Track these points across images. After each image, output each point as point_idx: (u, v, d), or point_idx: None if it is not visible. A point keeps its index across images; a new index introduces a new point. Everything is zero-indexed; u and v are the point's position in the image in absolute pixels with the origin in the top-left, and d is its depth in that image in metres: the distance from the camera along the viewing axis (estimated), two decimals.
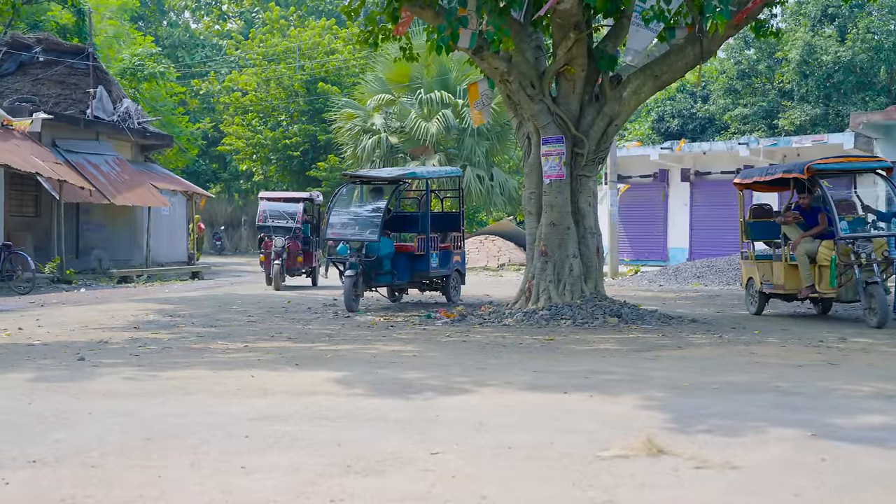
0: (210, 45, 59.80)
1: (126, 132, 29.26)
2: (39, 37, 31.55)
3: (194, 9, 64.32)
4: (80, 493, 4.44)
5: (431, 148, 33.33)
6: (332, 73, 43.89)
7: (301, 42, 44.39)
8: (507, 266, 32.76)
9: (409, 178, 18.35)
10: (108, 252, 28.09)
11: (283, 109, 44.44)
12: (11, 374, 8.32)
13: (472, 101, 16.72)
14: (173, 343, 10.99)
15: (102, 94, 29.35)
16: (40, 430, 5.79)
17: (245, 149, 44.97)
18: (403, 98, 34.48)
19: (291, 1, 56.67)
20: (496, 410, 6.51)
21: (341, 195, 17.13)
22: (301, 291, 21.30)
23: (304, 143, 43.25)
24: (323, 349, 10.37)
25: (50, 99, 29.51)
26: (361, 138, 34.65)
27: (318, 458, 5.07)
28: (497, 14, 12.71)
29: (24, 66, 30.35)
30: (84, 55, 30.35)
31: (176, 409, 6.53)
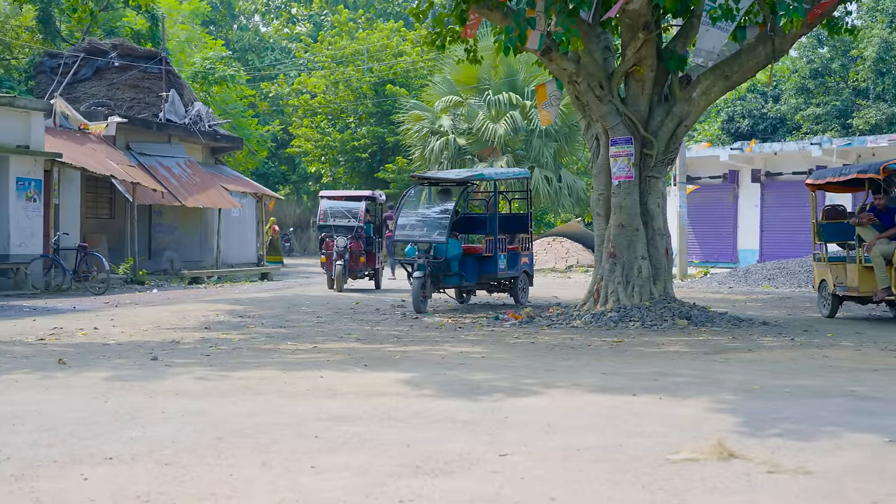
0: (279, 48, 60.34)
1: (197, 135, 29.66)
2: (115, 42, 32.11)
3: (264, 13, 64.99)
4: (155, 489, 4.51)
5: (499, 149, 33.30)
6: (400, 75, 44.03)
7: (369, 44, 44.60)
8: (575, 268, 32.60)
9: (478, 179, 18.37)
10: (180, 253, 28.50)
11: (352, 111, 44.69)
12: (88, 372, 8.48)
13: (541, 103, 16.68)
14: (243, 343, 11.11)
15: (174, 97, 29.79)
16: (116, 428, 5.88)
17: (314, 151, 45.29)
18: (471, 100, 34.49)
19: (360, 3, 57.03)
20: (564, 412, 6.49)
21: (409, 197, 17.18)
22: (366, 294, 21.38)
23: (373, 144, 43.44)
24: (391, 350, 10.41)
25: (124, 103, 30.03)
26: (429, 140, 34.74)
27: (387, 459, 5.09)
28: (566, 15, 12.66)
29: (101, 71, 30.92)
30: (157, 59, 30.82)
31: (247, 408, 6.60)
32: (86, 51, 31.18)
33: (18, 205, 21.21)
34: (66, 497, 4.38)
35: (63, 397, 7.07)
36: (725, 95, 29.08)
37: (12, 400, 6.94)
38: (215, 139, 30.96)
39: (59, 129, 25.15)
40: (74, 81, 30.55)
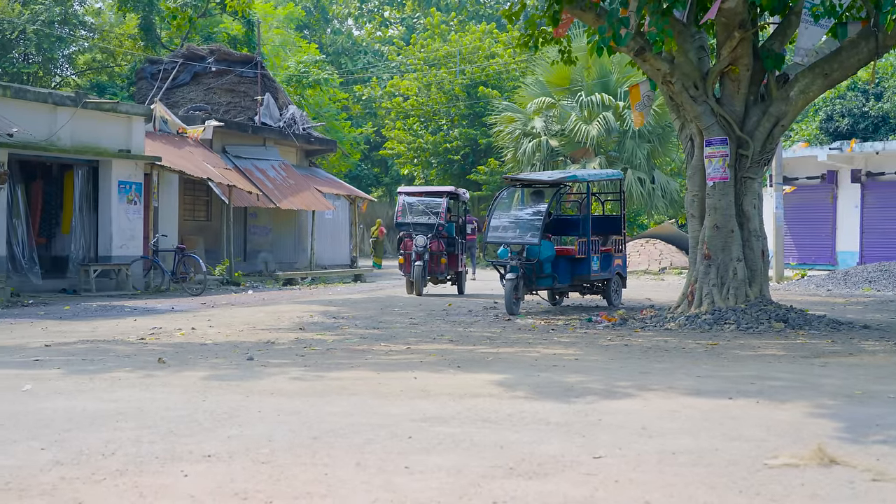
0: (372, 51, 60.84)
1: (291, 138, 30.05)
2: (212, 48, 32.75)
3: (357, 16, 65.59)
4: (252, 487, 4.58)
5: (592, 150, 33.11)
6: (492, 77, 44.05)
7: (461, 46, 44.72)
8: (669, 270, 32.26)
9: (570, 180, 18.29)
10: (274, 255, 28.91)
11: (444, 113, 44.84)
12: (186, 371, 8.65)
13: (634, 103, 16.54)
14: (337, 344, 11.21)
15: (269, 101, 30.24)
16: (214, 426, 5.99)
17: (406, 153, 45.57)
18: (564, 101, 34.36)
19: (452, 6, 57.21)
20: (659, 415, 6.42)
21: (502, 198, 17.17)
22: (451, 299, 21.39)
23: (465, 146, 43.54)
24: (484, 352, 10.42)
25: (221, 107, 30.58)
26: (522, 141, 34.69)
27: (481, 460, 5.09)
28: (660, 14, 12.53)
29: (198, 76, 31.55)
30: (253, 64, 31.33)
31: (341, 408, 6.66)
32: (184, 56, 31.85)
33: (120, 207, 21.74)
34: (168, 492, 4.48)
35: (163, 395, 7.21)
36: (824, 94, 28.52)
37: (115, 397, 7.11)
38: (309, 142, 31.34)
39: (159, 133, 25.71)
40: (173, 86, 31.22)
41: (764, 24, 15.74)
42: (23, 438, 5.59)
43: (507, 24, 16.98)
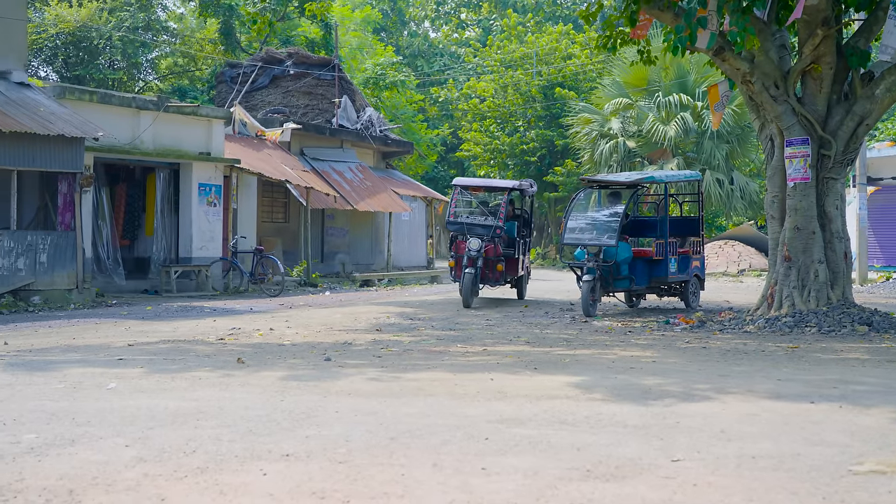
0: (449, 53, 60.97)
1: (368, 140, 30.24)
2: (290, 51, 33.11)
3: (434, 19, 65.79)
4: (329, 486, 4.61)
5: (669, 151, 32.81)
6: (569, 78, 43.88)
7: (538, 48, 44.61)
8: (748, 272, 31.83)
9: (648, 182, 18.15)
10: (351, 256, 29.11)
11: (521, 115, 44.77)
12: (265, 371, 8.75)
13: (713, 104, 16.36)
14: (414, 345, 11.25)
15: (347, 103, 30.47)
16: (292, 426, 6.05)
17: (483, 154, 45.57)
18: (641, 102, 34.10)
19: (529, 7, 57.09)
20: (738, 418, 6.34)
21: (579, 200, 17.10)
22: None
23: (542, 148, 43.42)
24: (561, 353, 10.38)
25: (299, 109, 30.90)
26: (599, 143, 34.50)
27: (557, 462, 5.07)
28: (740, 13, 12.36)
29: (277, 79, 31.92)
30: (330, 67, 31.60)
31: (418, 409, 6.68)
32: (263, 60, 32.25)
33: (200, 209, 22.08)
34: (247, 490, 4.53)
35: (242, 395, 7.30)
36: None
37: (196, 396, 7.22)
38: (386, 144, 31.50)
39: (238, 135, 26.06)
40: (252, 90, 31.62)
41: (848, 22, 15.45)
42: (108, 435, 5.70)
43: (584, 24, 16.84)
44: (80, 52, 38.79)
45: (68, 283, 18.06)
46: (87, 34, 38.00)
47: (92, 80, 37.93)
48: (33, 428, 5.91)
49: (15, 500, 4.36)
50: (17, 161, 17.39)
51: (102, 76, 39.03)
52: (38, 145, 17.43)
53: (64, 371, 8.63)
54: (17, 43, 19.95)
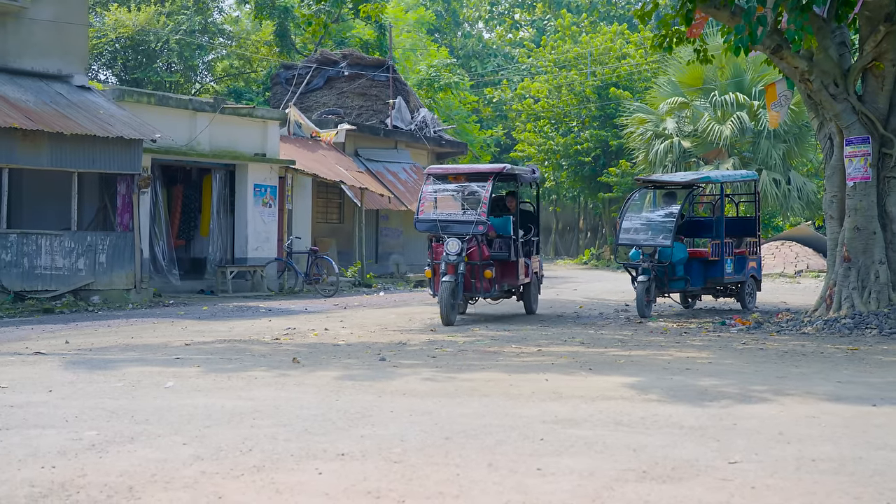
0: (503, 54, 60.92)
1: (422, 140, 30.31)
2: (345, 52, 33.28)
3: (487, 19, 65.79)
4: (385, 486, 4.62)
5: (725, 151, 32.50)
6: (623, 78, 43.65)
7: (592, 48, 44.45)
8: (805, 273, 31.45)
9: (703, 182, 18.02)
10: (405, 257, 29.18)
11: (575, 115, 44.62)
12: (320, 371, 8.80)
13: (770, 103, 16.19)
14: (468, 346, 11.25)
15: (401, 104, 30.56)
16: (347, 426, 6.07)
17: (537, 155, 45.47)
18: (696, 101, 33.82)
19: (583, 7, 56.89)
20: (797, 421, 6.26)
21: (634, 200, 17.00)
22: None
23: (596, 148, 43.25)
24: (615, 354, 10.33)
25: (353, 110, 31.05)
26: (653, 143, 34.26)
27: (613, 463, 5.05)
28: (799, 10, 12.20)
29: (331, 80, 32.11)
30: (384, 68, 31.71)
31: (472, 409, 6.68)
32: (318, 61, 32.44)
33: (255, 210, 22.27)
34: (303, 489, 4.56)
35: (297, 395, 7.35)
36: None
37: (252, 395, 7.27)
38: (440, 144, 31.54)
39: (293, 137, 26.24)
40: (307, 91, 31.82)
41: None
42: (166, 433, 5.77)
43: (639, 24, 16.74)
44: (139, 55, 39.30)
45: (126, 283, 18.30)
46: (146, 38, 38.49)
47: (150, 83, 38.42)
48: (94, 425, 6.00)
49: (78, 495, 4.42)
50: (78, 163, 17.66)
51: (160, 79, 39.51)
52: (98, 147, 17.68)
53: (123, 370, 8.75)
54: (79, 48, 20.26)
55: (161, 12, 39.32)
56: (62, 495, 4.41)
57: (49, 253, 17.29)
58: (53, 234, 17.57)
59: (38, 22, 19.11)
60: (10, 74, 18.80)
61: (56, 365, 9.19)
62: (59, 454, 5.18)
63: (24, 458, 5.08)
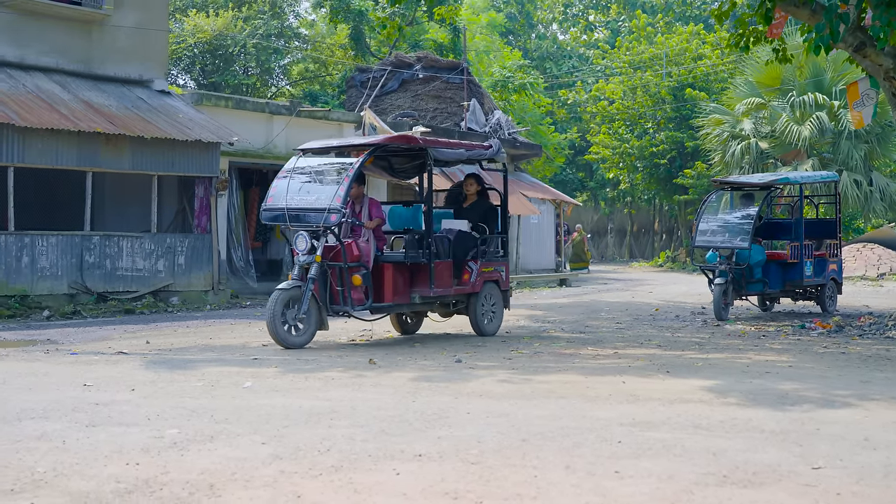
0: (577, 55, 60.64)
1: None
2: (419, 55, 33.37)
3: (562, 21, 65.51)
4: (462, 487, 4.63)
5: (804, 152, 31.96)
6: (699, 79, 43.14)
7: (668, 48, 44.02)
8: (888, 276, 30.81)
9: (782, 183, 17.76)
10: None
11: (650, 117, 44.23)
12: (396, 372, 8.83)
13: (852, 102, 15.89)
14: (544, 348, 11.22)
15: (475, 106, 30.56)
16: (424, 427, 6.09)
17: (611, 157, 45.18)
18: (774, 101, 33.31)
19: (658, 7, 56.40)
20: (883, 426, 6.13)
21: (710, 202, 16.80)
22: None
23: (671, 150, 42.81)
24: (693, 357, 10.22)
25: (428, 113, 31.12)
26: (730, 144, 33.81)
27: (692, 467, 4.99)
28: (884, 6, 11.93)
29: (406, 83, 32.23)
30: (459, 70, 31.73)
31: (549, 411, 6.65)
32: (392, 64, 32.58)
33: None
34: (381, 489, 4.58)
35: (374, 395, 7.39)
36: None
37: (329, 396, 7.33)
38: (514, 147, 31.48)
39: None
40: (382, 94, 31.97)
41: None
42: (245, 432, 5.83)
43: (716, 24, 16.54)
44: (217, 59, 39.82)
45: (204, 285, 18.57)
46: (223, 42, 39.00)
47: (227, 87, 38.91)
48: (175, 424, 6.09)
49: (161, 491, 4.50)
50: (158, 166, 17.96)
51: (237, 82, 40.00)
52: (178, 151, 17.96)
53: (202, 370, 8.87)
54: (159, 53, 20.63)
55: (238, 17, 39.82)
56: (146, 491, 4.49)
57: (130, 255, 17.61)
58: (134, 236, 17.89)
59: (120, 29, 19.49)
60: (95, 80, 19.21)
61: (138, 364, 9.35)
62: (143, 451, 5.27)
63: (109, 455, 5.18)
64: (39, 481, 4.65)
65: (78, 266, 16.96)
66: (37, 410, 6.51)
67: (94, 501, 4.34)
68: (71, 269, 16.90)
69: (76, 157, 17.06)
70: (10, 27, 18.40)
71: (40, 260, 16.53)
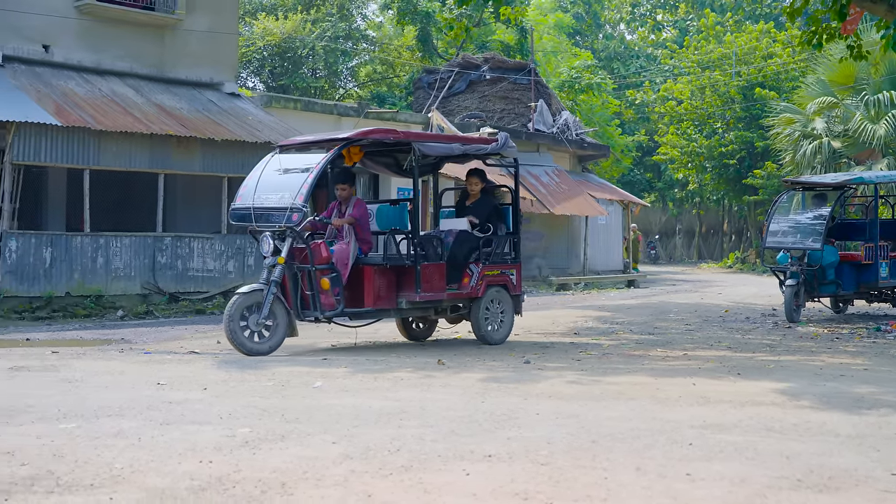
0: (645, 55, 60.22)
1: (564, 143, 30.17)
2: (486, 56, 33.39)
3: (629, 21, 65.09)
4: (532, 488, 4.62)
5: (879, 151, 31.39)
6: (769, 78, 42.57)
7: (737, 47, 43.50)
8: None
9: (856, 183, 17.47)
10: (547, 260, 29.07)
11: (719, 117, 43.75)
12: (465, 373, 8.84)
13: None
14: (613, 349, 11.16)
15: (543, 107, 30.49)
16: (493, 427, 6.08)
17: (680, 158, 44.77)
18: (847, 100, 32.77)
19: (728, 6, 55.77)
20: None
21: (782, 202, 16.59)
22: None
23: (741, 150, 42.30)
24: (764, 359, 10.09)
25: (495, 114, 31.11)
26: (801, 143, 33.32)
27: (765, 470, 4.93)
28: None
29: (473, 84, 32.26)
30: (526, 71, 31.69)
31: (619, 413, 6.62)
32: (459, 65, 32.63)
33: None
34: (451, 489, 4.59)
35: (443, 396, 7.40)
36: None
37: (398, 396, 7.36)
38: (582, 147, 31.36)
39: None
40: (449, 95, 32.02)
41: None
42: (316, 432, 5.88)
43: (788, 21, 16.29)
44: (285, 62, 40.20)
45: None
46: (292, 45, 39.35)
47: (295, 89, 39.25)
48: (247, 423, 6.16)
49: (234, 489, 4.55)
50: (228, 168, 18.18)
51: (305, 85, 40.33)
52: (247, 152, 18.15)
53: (272, 370, 8.96)
54: (229, 56, 20.91)
55: (307, 20, 40.17)
56: (219, 489, 4.55)
57: (201, 255, 17.85)
58: (205, 237, 18.13)
59: (192, 33, 19.78)
60: (167, 83, 19.52)
61: (209, 364, 9.47)
62: (216, 450, 5.33)
63: (183, 452, 5.25)
64: (117, 477, 4.73)
65: (150, 267, 17.24)
66: (113, 408, 6.63)
67: (169, 498, 4.40)
68: (144, 270, 17.18)
69: (149, 160, 17.34)
70: (88, 33, 18.79)
71: (114, 261, 16.83)
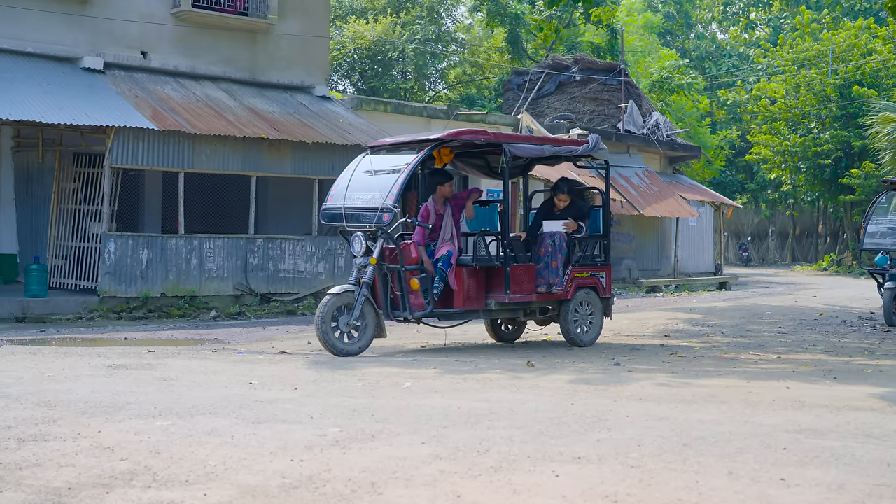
0: (737, 54, 59.35)
1: (655, 144, 29.90)
2: (576, 57, 33.29)
3: (721, 20, 64.22)
4: (622, 490, 4.57)
5: None
6: (868, 76, 41.60)
7: (834, 45, 42.61)
8: None
9: None
10: (637, 262, 28.84)
11: (814, 116, 42.90)
12: (554, 375, 8.81)
13: None
14: (704, 352, 11.02)
15: (633, 108, 30.27)
16: (583, 429, 6.04)
17: (773, 158, 43.99)
18: None
19: (824, 3, 54.68)
20: None
21: (880, 203, 16.20)
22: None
23: (837, 150, 41.41)
24: (862, 363, 9.87)
25: (585, 115, 30.97)
26: None
27: (864, 477, 4.81)
28: None
29: (563, 85, 32.16)
30: (616, 72, 31.48)
31: (710, 416, 6.52)
32: (549, 67, 32.56)
33: None
34: (540, 491, 4.57)
35: (532, 397, 7.38)
36: None
37: (487, 397, 7.35)
38: (672, 148, 31.04)
39: None
40: (539, 96, 31.96)
41: None
42: (405, 432, 5.90)
43: (889, 16, 15.91)
44: (375, 65, 40.53)
45: None
46: (382, 48, 39.66)
47: (385, 92, 39.53)
48: (337, 422, 6.21)
49: (324, 488, 4.60)
50: (319, 170, 18.37)
51: (395, 87, 40.61)
52: (338, 155, 18.32)
53: (362, 370, 9.02)
54: (320, 60, 21.15)
55: (397, 23, 40.44)
56: (310, 487, 4.59)
57: (292, 257, 18.06)
58: (296, 238, 18.34)
59: (283, 37, 20.06)
60: (259, 87, 19.82)
61: (300, 364, 9.58)
62: (306, 448, 5.39)
63: (275, 451, 5.32)
64: (211, 474, 4.81)
65: (242, 268, 17.50)
66: (207, 406, 6.74)
67: (261, 495, 4.46)
68: (236, 271, 17.44)
69: (241, 162, 17.61)
70: (184, 39, 19.18)
71: (207, 262, 17.12)
